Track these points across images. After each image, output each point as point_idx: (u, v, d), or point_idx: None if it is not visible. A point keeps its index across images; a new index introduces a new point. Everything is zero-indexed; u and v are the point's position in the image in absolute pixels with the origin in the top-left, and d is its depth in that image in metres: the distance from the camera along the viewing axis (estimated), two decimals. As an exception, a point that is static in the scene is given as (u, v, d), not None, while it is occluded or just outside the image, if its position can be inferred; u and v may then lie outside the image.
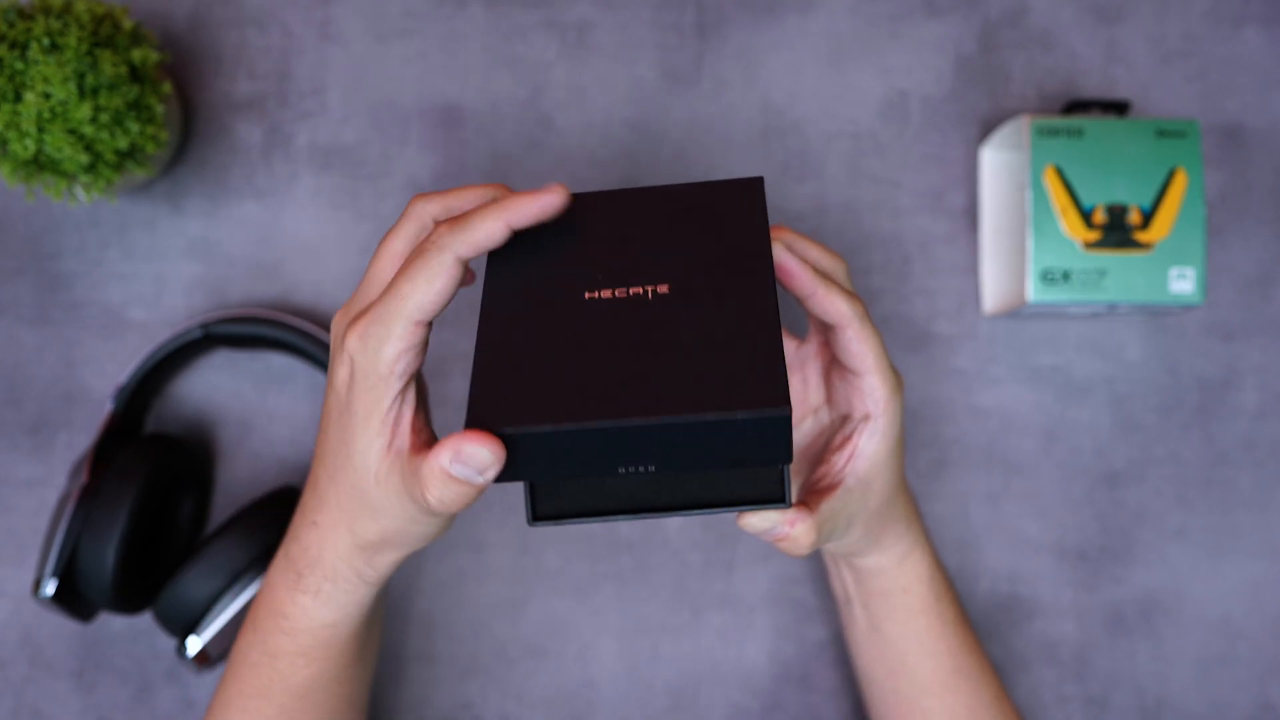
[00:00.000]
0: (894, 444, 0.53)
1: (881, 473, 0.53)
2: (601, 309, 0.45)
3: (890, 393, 0.52)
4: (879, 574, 0.58)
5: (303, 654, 0.53)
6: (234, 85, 0.72)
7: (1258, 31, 0.72)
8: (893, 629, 0.59)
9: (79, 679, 0.68)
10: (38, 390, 0.70)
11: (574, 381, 0.42)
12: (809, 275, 0.50)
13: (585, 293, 0.46)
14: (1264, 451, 0.70)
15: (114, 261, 0.71)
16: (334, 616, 0.52)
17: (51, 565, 0.61)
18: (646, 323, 0.44)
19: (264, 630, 0.54)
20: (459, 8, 0.72)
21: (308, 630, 0.52)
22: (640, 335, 0.43)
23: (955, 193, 0.71)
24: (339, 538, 0.49)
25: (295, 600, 0.52)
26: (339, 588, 0.51)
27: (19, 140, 0.59)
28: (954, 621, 0.60)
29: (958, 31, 0.72)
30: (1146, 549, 0.70)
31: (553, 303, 0.46)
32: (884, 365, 0.52)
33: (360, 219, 0.71)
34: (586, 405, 0.41)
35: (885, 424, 0.52)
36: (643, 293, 0.45)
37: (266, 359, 0.70)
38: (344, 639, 0.54)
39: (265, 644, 0.54)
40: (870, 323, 0.51)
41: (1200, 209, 0.64)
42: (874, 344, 0.51)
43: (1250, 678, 0.69)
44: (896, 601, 0.59)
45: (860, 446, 0.52)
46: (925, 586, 0.58)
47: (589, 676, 0.69)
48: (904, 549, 0.57)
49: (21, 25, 0.60)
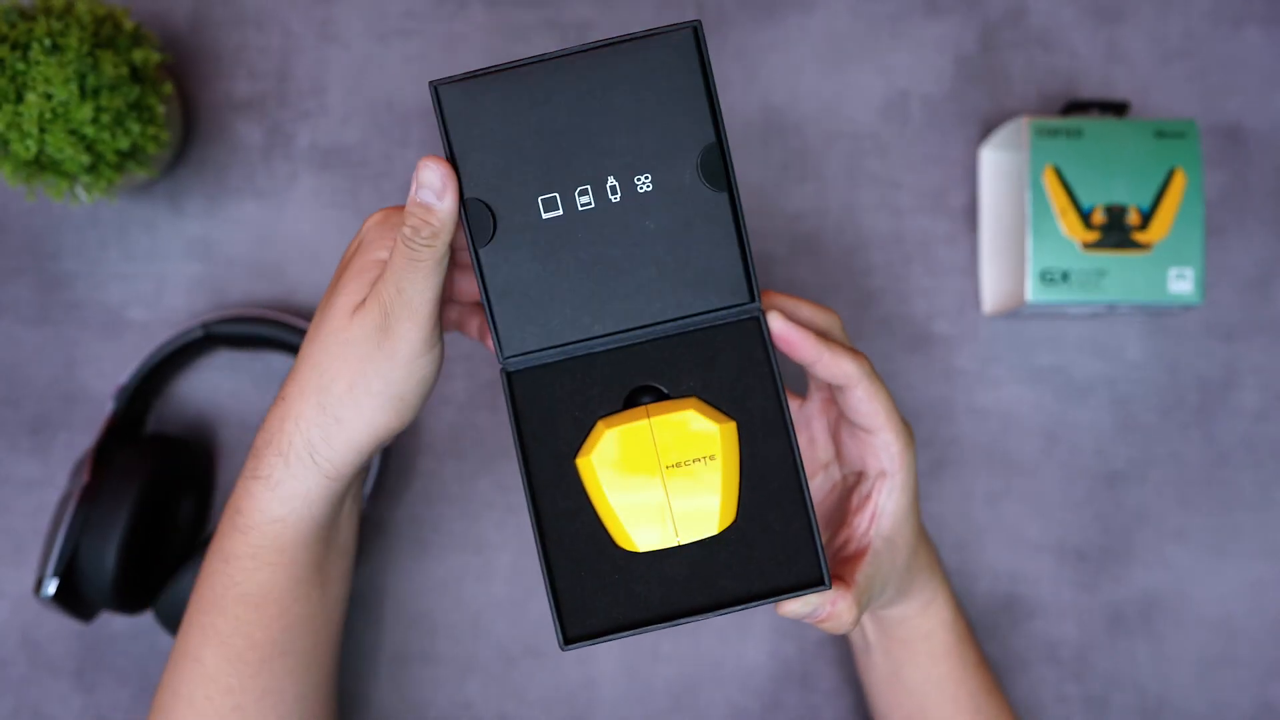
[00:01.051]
0: (912, 497, 0.53)
1: (903, 528, 0.52)
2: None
3: (904, 447, 0.51)
4: (902, 622, 0.58)
5: (253, 555, 0.52)
6: (234, 85, 0.72)
7: (1258, 31, 0.72)
8: (914, 675, 0.59)
9: (79, 678, 0.68)
10: (38, 390, 0.70)
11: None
12: (811, 342, 0.49)
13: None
14: (1264, 452, 0.70)
15: (114, 261, 0.71)
16: (283, 509, 0.51)
17: (52, 565, 0.61)
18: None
19: (221, 534, 0.53)
20: (459, 8, 0.72)
21: (256, 526, 0.51)
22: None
23: (955, 193, 0.71)
24: (304, 401, 0.49)
25: (248, 490, 0.51)
26: (290, 471, 0.50)
27: (20, 141, 0.59)
28: (974, 664, 0.60)
29: (958, 32, 0.72)
30: (1147, 549, 0.70)
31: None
32: (895, 420, 0.51)
33: (361, 219, 0.71)
34: None
35: (902, 479, 0.52)
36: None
37: (267, 359, 0.71)
38: (295, 541, 0.52)
39: (221, 548, 0.53)
40: (877, 379, 0.51)
41: (1199, 209, 0.64)
42: (883, 400, 0.51)
43: (1251, 678, 0.69)
44: (919, 648, 0.58)
45: (881, 505, 0.52)
46: (947, 631, 0.58)
47: (589, 676, 0.69)
48: (928, 596, 0.57)
49: (23, 26, 0.60)
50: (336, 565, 0.56)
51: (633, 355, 0.47)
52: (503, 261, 0.45)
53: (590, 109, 0.45)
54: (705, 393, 0.47)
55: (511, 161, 0.45)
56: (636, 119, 0.45)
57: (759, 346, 0.47)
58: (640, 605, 0.46)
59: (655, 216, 0.45)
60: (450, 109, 0.45)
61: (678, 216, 0.45)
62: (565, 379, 0.47)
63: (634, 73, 0.45)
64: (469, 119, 0.45)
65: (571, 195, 0.45)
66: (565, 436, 0.47)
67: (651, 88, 0.45)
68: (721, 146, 0.45)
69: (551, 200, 0.45)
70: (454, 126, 0.45)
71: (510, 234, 0.45)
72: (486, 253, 0.45)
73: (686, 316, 0.47)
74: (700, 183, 0.45)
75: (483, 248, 0.45)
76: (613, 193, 0.45)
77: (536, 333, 0.46)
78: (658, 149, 0.45)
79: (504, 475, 0.69)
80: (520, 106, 0.45)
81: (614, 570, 0.46)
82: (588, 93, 0.45)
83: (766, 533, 0.46)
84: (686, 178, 0.45)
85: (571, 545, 0.46)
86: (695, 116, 0.45)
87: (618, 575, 0.46)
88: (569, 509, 0.46)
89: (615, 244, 0.45)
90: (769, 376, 0.47)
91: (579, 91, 0.45)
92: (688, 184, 0.45)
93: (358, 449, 0.50)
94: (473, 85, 0.44)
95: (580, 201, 0.45)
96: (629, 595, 0.46)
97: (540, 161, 0.45)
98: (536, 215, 0.45)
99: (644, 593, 0.46)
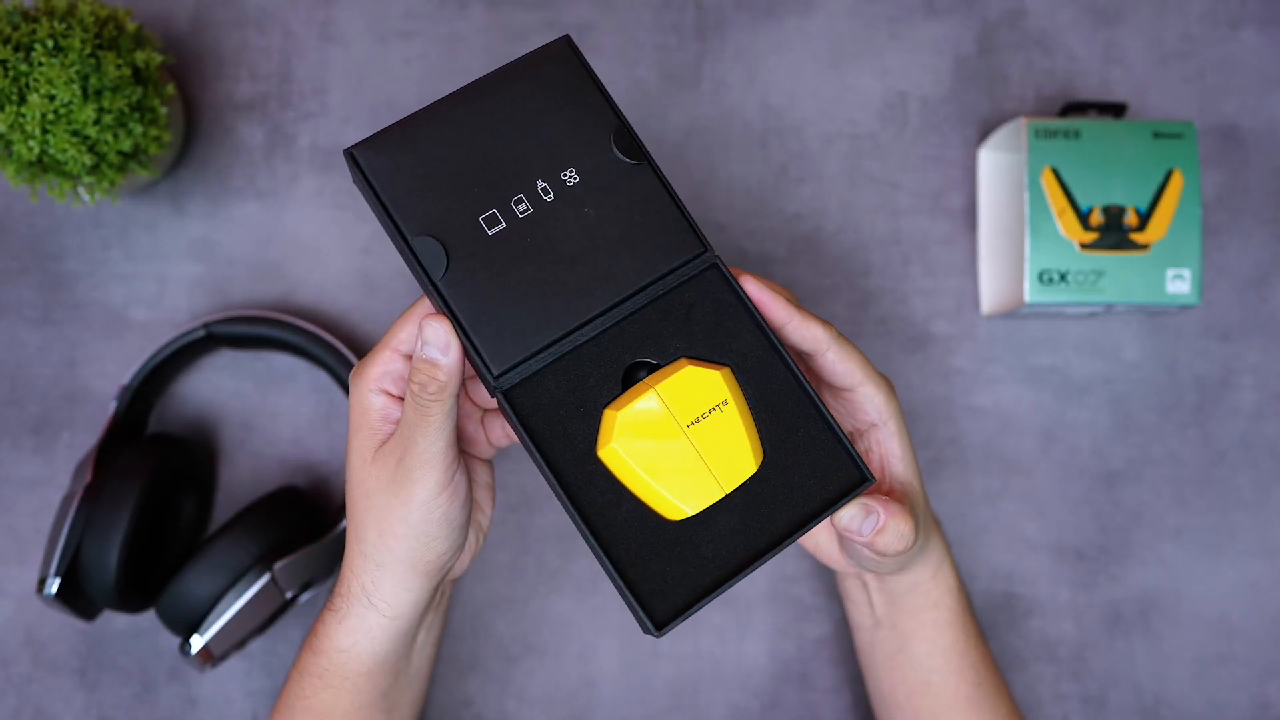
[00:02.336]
0: (909, 442, 0.54)
1: (912, 470, 0.53)
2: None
3: (887, 395, 0.53)
4: (913, 590, 0.58)
5: (320, 675, 0.55)
6: (236, 86, 0.72)
7: (1255, 33, 0.73)
8: (920, 647, 0.59)
9: (82, 677, 0.69)
10: (40, 390, 0.70)
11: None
12: (783, 304, 0.50)
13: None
14: (1261, 451, 0.70)
15: (116, 262, 0.71)
16: (346, 642, 0.54)
17: (55, 564, 0.62)
18: None
19: (303, 647, 0.56)
20: (460, 9, 0.72)
21: (326, 652, 0.54)
22: None
23: (953, 194, 0.72)
24: (352, 550, 0.52)
25: (323, 619, 0.55)
26: (352, 609, 0.53)
27: (23, 142, 0.59)
28: (975, 635, 0.60)
29: (956, 33, 0.72)
30: (1144, 548, 0.70)
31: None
32: (872, 372, 0.52)
33: (361, 220, 0.71)
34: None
35: (895, 425, 0.53)
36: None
37: (269, 359, 0.71)
38: (358, 670, 0.54)
39: (300, 661, 0.56)
40: (846, 340, 0.52)
41: (1197, 210, 0.64)
42: (857, 358, 0.52)
43: (1248, 676, 0.69)
44: (926, 618, 0.59)
45: (886, 451, 0.53)
46: (954, 598, 0.59)
47: (589, 675, 0.69)
48: (937, 560, 0.58)
49: (26, 28, 0.60)
50: (404, 693, 0.58)
51: (614, 338, 0.48)
52: (465, 286, 0.46)
53: (499, 129, 0.48)
54: (692, 350, 0.48)
55: (443, 194, 0.47)
56: (543, 126, 0.48)
57: (726, 290, 0.49)
58: (711, 567, 0.46)
59: (591, 202, 0.48)
60: (371, 168, 0.46)
61: (610, 197, 0.48)
62: (559, 379, 0.47)
63: (527, 89, 0.48)
64: (391, 171, 0.46)
65: (510, 207, 0.47)
66: (578, 434, 0.47)
67: (547, 97, 0.48)
68: (625, 125, 0.48)
69: (492, 217, 0.47)
70: (379, 182, 0.46)
71: (463, 260, 0.46)
72: (445, 283, 0.46)
73: (651, 283, 0.48)
74: (619, 160, 0.48)
75: (440, 279, 0.46)
76: (545, 194, 0.47)
77: (517, 344, 0.47)
78: (572, 145, 0.48)
79: (501, 475, 0.69)
80: (435, 145, 0.47)
81: (673, 544, 0.46)
82: (492, 116, 0.48)
83: (797, 455, 0.48)
84: (605, 161, 0.48)
85: (625, 534, 0.46)
86: (594, 109, 0.48)
87: (679, 547, 0.46)
88: (609, 501, 0.47)
89: (563, 239, 0.47)
90: (744, 314, 0.49)
91: (484, 118, 0.48)
92: (608, 166, 0.48)
93: (407, 588, 0.52)
94: (385, 141, 0.47)
95: (519, 210, 0.47)
96: (698, 561, 0.46)
97: (470, 186, 0.47)
98: (483, 234, 0.47)
99: (710, 554, 0.46)
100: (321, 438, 0.70)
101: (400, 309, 0.70)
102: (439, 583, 0.53)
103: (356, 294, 0.71)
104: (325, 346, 0.67)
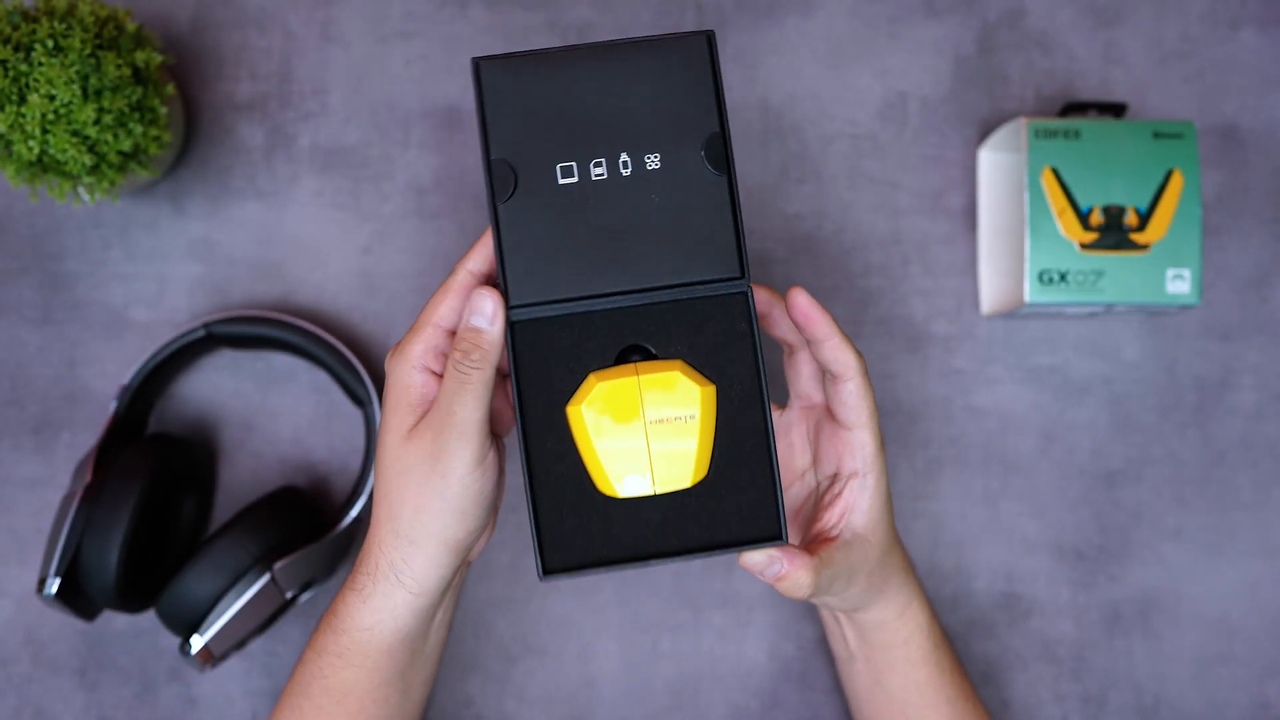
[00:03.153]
0: (885, 498, 0.55)
1: (876, 527, 0.54)
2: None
3: (877, 449, 0.54)
4: (881, 627, 0.59)
5: (340, 655, 0.55)
6: (236, 86, 0.72)
7: (1254, 33, 0.73)
8: (895, 681, 0.60)
9: (82, 677, 0.69)
10: (40, 390, 0.70)
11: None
12: (828, 320, 0.52)
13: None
14: (1261, 451, 0.70)
15: (117, 262, 0.71)
16: (371, 620, 0.54)
17: (55, 564, 0.62)
18: None
19: (319, 628, 0.57)
20: (460, 9, 0.72)
21: (347, 630, 0.55)
22: None
23: (953, 194, 0.72)
24: (381, 527, 0.53)
25: (344, 597, 0.55)
26: (378, 587, 0.53)
27: (23, 142, 0.59)
28: (951, 670, 0.61)
29: (956, 33, 0.72)
30: (1144, 548, 0.70)
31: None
32: (875, 423, 0.54)
33: (362, 220, 0.71)
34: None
35: (874, 480, 0.54)
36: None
37: (269, 359, 0.71)
38: (380, 648, 0.55)
39: (315, 641, 0.57)
40: (869, 379, 0.53)
41: (1197, 210, 0.64)
42: (870, 401, 0.53)
43: (1248, 677, 0.69)
44: (898, 654, 0.60)
45: (854, 502, 0.54)
46: (924, 636, 0.60)
47: (589, 675, 0.69)
48: (904, 600, 0.59)
49: (26, 28, 0.60)
50: (420, 671, 0.59)
51: (628, 316, 0.50)
52: (519, 218, 0.49)
53: (612, 93, 0.50)
54: (690, 356, 0.50)
55: (536, 131, 0.49)
56: (652, 106, 0.50)
57: (744, 320, 0.50)
58: (615, 546, 0.50)
59: (660, 191, 0.50)
60: (487, 81, 0.49)
61: (680, 193, 0.50)
62: (564, 333, 0.50)
63: (653, 66, 0.50)
64: (503, 91, 0.49)
65: (587, 165, 0.49)
66: (559, 386, 0.50)
67: (667, 81, 0.50)
68: (725, 135, 0.50)
69: (569, 168, 0.49)
70: (489, 96, 0.49)
71: (528, 195, 0.49)
72: (505, 209, 0.49)
73: (681, 285, 0.50)
74: (704, 165, 0.50)
75: (503, 204, 0.49)
76: (624, 167, 0.49)
77: (540, 286, 0.49)
78: (668, 133, 0.50)
79: (504, 475, 0.70)
80: (549, 85, 0.49)
81: (594, 513, 0.50)
82: (611, 79, 0.50)
83: (735, 490, 0.50)
84: (691, 160, 0.50)
85: (557, 487, 0.50)
86: (703, 108, 0.50)
87: (597, 518, 0.50)
88: (558, 452, 0.50)
89: (622, 213, 0.49)
90: (750, 349, 0.50)
91: (603, 77, 0.50)
92: (692, 165, 0.50)
93: (437, 565, 0.52)
94: (509, 62, 0.49)
95: (594, 172, 0.49)
96: (606, 537, 0.50)
97: (562, 134, 0.49)
98: (553, 180, 0.49)
99: (620, 535, 0.50)
100: (321, 438, 0.70)
101: (400, 309, 0.71)
102: (463, 561, 0.54)
103: (357, 294, 0.71)
104: (325, 346, 0.67)
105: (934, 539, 0.70)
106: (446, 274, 0.70)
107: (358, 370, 0.67)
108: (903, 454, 0.70)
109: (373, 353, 0.70)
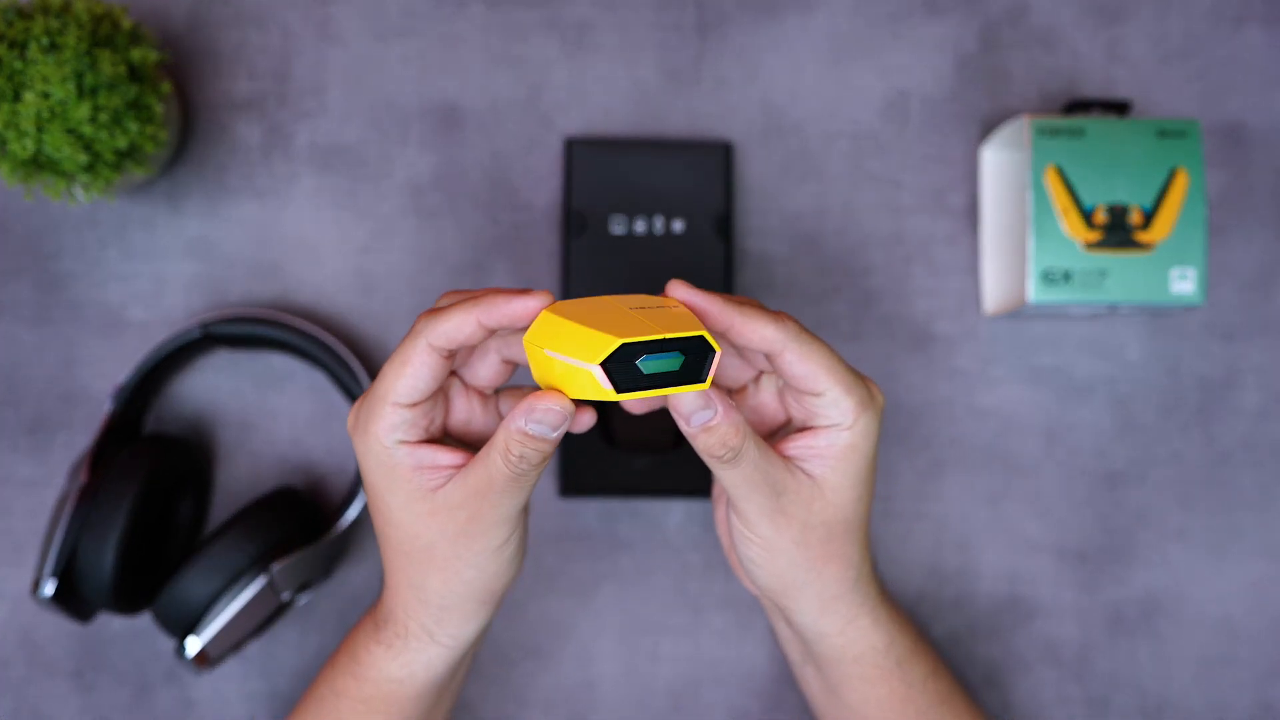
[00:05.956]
0: (861, 465, 0.48)
1: (839, 487, 0.48)
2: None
3: (858, 404, 0.47)
4: (821, 639, 0.54)
5: (365, 701, 0.54)
6: (233, 85, 0.71)
7: (1259, 31, 0.72)
8: (851, 696, 0.56)
9: (78, 679, 0.68)
10: (36, 390, 0.70)
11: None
12: (719, 305, 0.46)
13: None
14: (1265, 452, 0.70)
15: (113, 261, 0.71)
16: (402, 673, 0.53)
17: (50, 565, 0.61)
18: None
19: (337, 668, 0.55)
20: (459, 7, 0.72)
21: (374, 680, 0.53)
22: None
23: (956, 193, 0.71)
24: (404, 595, 0.51)
25: (369, 649, 0.53)
26: (409, 645, 0.52)
27: (18, 140, 0.59)
28: (921, 680, 0.56)
29: (958, 31, 0.72)
30: (1147, 549, 0.70)
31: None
32: (842, 375, 0.47)
33: (360, 219, 0.71)
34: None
35: (852, 436, 0.47)
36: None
37: (266, 359, 0.70)
38: (408, 697, 0.53)
39: (334, 682, 0.55)
40: (809, 337, 0.47)
41: (1201, 209, 0.64)
42: (821, 357, 0.47)
43: (1251, 678, 0.69)
44: (850, 670, 0.55)
45: (819, 444, 0.48)
46: (881, 656, 0.54)
47: (589, 677, 0.69)
48: (848, 613, 0.52)
49: (20, 25, 0.59)
50: (444, 705, 0.57)
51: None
52: (582, 253, 0.67)
53: (659, 173, 0.68)
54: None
55: (601, 194, 0.68)
56: (687, 188, 0.68)
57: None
58: (612, 486, 0.66)
59: (682, 249, 0.68)
60: (577, 157, 0.68)
61: (692, 251, 0.68)
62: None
63: (687, 160, 0.69)
64: (584, 162, 0.68)
65: (632, 223, 0.68)
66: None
67: (695, 172, 0.68)
68: (729, 217, 0.68)
69: (621, 221, 0.68)
70: (576, 165, 0.68)
71: (590, 236, 0.67)
72: (576, 245, 0.67)
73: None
74: (714, 235, 0.68)
75: (574, 240, 0.67)
76: (657, 227, 0.68)
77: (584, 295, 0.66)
78: (691, 208, 0.68)
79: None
80: (615, 163, 0.68)
81: (600, 461, 0.66)
82: (657, 166, 0.68)
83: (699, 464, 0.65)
84: (706, 229, 0.68)
85: (573, 440, 0.66)
86: (718, 195, 0.68)
87: (603, 464, 0.66)
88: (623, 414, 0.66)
89: (653, 259, 0.67)
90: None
91: (652, 163, 0.68)
92: (705, 233, 0.68)
93: (475, 620, 0.51)
94: (594, 146, 0.68)
95: (637, 228, 0.67)
96: (605, 478, 0.66)
97: (618, 199, 0.68)
98: (607, 229, 0.68)
99: (619, 478, 0.66)
100: (319, 438, 0.70)
101: (398, 309, 0.70)
102: (499, 603, 0.53)
103: (355, 294, 0.70)
104: (323, 347, 0.67)
105: (936, 540, 0.70)
106: (445, 274, 0.70)
107: (355, 371, 0.67)
108: (904, 455, 0.70)
109: (371, 353, 0.70)
